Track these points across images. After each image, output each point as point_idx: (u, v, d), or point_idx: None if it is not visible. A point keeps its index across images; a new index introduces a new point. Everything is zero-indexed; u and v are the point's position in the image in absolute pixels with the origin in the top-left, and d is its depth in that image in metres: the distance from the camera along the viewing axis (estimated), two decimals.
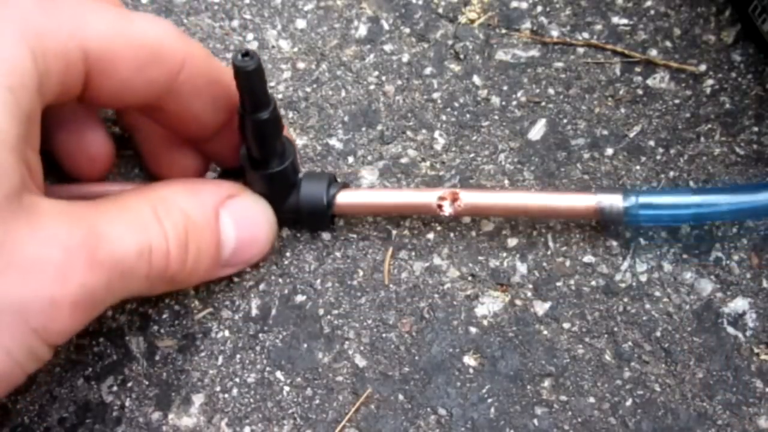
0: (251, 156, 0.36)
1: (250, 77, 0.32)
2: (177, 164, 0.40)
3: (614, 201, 0.37)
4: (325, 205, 0.38)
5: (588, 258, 0.39)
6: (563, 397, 0.37)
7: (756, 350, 0.37)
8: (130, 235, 0.30)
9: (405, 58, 0.45)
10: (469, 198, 0.37)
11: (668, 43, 0.44)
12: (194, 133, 0.36)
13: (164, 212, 0.32)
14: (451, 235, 0.40)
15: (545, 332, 0.38)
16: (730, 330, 0.38)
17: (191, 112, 0.35)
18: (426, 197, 0.38)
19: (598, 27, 0.45)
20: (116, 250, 0.29)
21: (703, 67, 0.43)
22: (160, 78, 0.32)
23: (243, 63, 0.31)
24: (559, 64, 0.44)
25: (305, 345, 0.38)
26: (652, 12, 0.45)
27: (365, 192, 0.39)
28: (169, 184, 0.35)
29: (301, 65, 0.45)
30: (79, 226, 0.28)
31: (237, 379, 0.38)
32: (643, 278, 0.39)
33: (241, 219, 0.36)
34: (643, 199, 0.37)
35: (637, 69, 0.44)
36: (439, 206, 0.38)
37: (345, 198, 0.38)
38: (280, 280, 0.40)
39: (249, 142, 0.35)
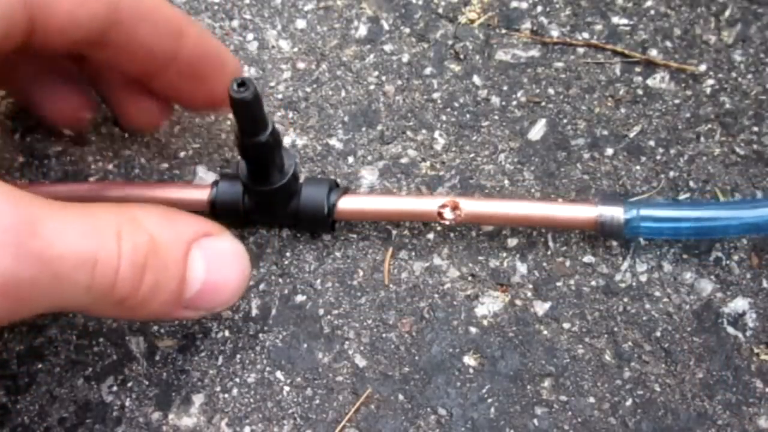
0: (251, 172, 0.36)
1: (248, 107, 0.31)
2: (141, 109, 0.41)
3: (615, 213, 0.37)
4: (326, 212, 0.38)
5: (588, 258, 0.39)
6: (563, 397, 0.37)
7: (756, 350, 0.37)
8: (77, 239, 0.28)
9: (405, 58, 0.45)
10: (470, 207, 0.37)
11: (668, 43, 0.44)
12: (145, 65, 0.37)
13: (128, 231, 0.30)
14: (451, 235, 0.40)
15: (545, 332, 0.38)
16: (730, 330, 0.38)
17: (137, 42, 0.35)
18: (427, 205, 0.38)
19: (598, 27, 0.45)
20: (53, 248, 0.27)
21: (703, 67, 0.43)
22: (101, 7, 0.33)
23: (239, 94, 0.31)
24: (559, 64, 0.44)
25: (305, 345, 0.38)
26: (652, 12, 0.45)
27: (366, 198, 0.39)
28: (146, 207, 0.33)
29: (301, 65, 0.45)
30: (18, 211, 0.27)
31: (237, 379, 0.38)
32: (643, 278, 0.39)
33: (214, 261, 0.33)
34: (645, 212, 0.37)
35: (637, 69, 0.44)
36: (440, 214, 0.38)
37: (346, 204, 0.38)
38: (280, 280, 0.40)
39: (249, 161, 0.35)
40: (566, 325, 0.38)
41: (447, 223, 0.38)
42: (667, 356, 0.37)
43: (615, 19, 0.45)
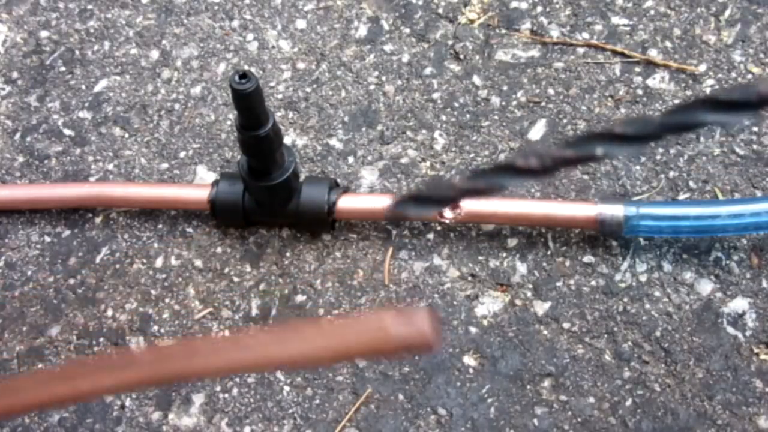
0: (251, 167, 0.36)
1: (249, 98, 0.32)
2: None
3: (615, 211, 0.37)
4: (326, 211, 0.38)
5: (588, 258, 0.39)
6: (563, 397, 0.37)
7: (756, 350, 0.37)
8: None
9: (405, 58, 0.45)
10: (470, 206, 0.38)
11: (668, 43, 0.44)
12: None
13: None
14: (451, 235, 0.40)
15: (545, 332, 0.38)
16: (730, 330, 0.38)
17: None
18: None
19: (598, 27, 0.45)
20: None
21: (703, 67, 0.43)
22: None
23: (241, 85, 0.31)
24: (559, 64, 0.44)
25: None
26: (652, 12, 0.45)
27: (366, 197, 0.39)
28: None
29: (301, 65, 0.45)
30: None
31: (237, 379, 0.38)
32: (643, 278, 0.39)
33: None
34: (644, 210, 0.37)
35: (637, 69, 0.44)
36: (440, 213, 0.38)
37: (346, 203, 0.38)
38: (280, 280, 0.40)
39: (249, 156, 0.35)
40: (566, 325, 0.38)
41: (447, 221, 0.38)
42: (667, 356, 0.37)
43: (615, 19, 0.45)
